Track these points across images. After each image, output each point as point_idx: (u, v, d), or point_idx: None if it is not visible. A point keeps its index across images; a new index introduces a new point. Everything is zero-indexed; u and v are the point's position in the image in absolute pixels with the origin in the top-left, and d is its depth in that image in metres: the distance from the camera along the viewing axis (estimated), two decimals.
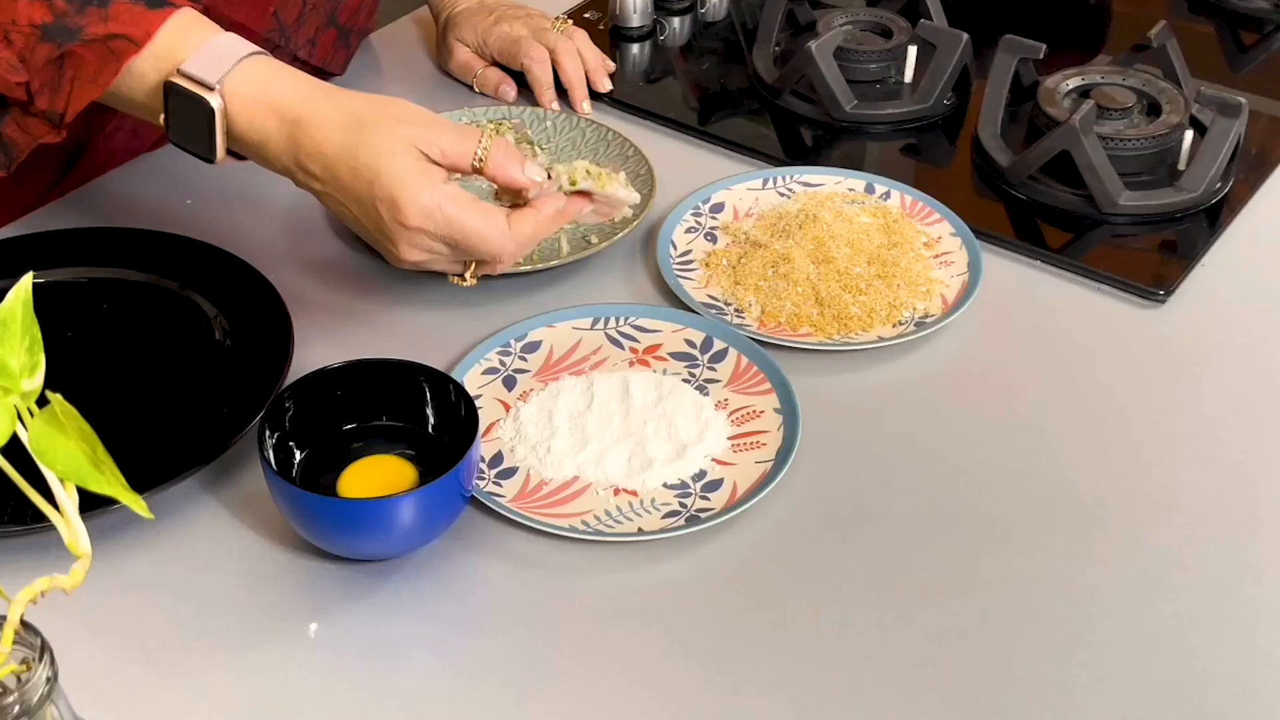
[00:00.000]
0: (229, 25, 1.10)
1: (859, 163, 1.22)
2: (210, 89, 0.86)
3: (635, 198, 0.88)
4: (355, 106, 0.87)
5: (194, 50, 0.87)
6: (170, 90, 0.87)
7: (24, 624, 0.54)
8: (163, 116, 0.88)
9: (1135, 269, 1.09)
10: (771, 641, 0.81)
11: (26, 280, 0.55)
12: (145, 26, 0.87)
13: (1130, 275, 1.08)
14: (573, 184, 0.86)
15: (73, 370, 0.97)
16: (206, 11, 1.08)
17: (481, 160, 0.84)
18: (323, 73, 1.27)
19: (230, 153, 0.90)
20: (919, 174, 1.22)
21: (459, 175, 0.89)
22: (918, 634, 0.82)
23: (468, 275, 0.91)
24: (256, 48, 0.89)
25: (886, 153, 1.25)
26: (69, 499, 0.56)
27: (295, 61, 1.21)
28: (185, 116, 0.88)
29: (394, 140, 0.84)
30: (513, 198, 0.91)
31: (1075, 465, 0.93)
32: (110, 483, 0.53)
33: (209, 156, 0.89)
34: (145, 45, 0.87)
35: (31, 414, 0.54)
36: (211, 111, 0.86)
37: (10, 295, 0.55)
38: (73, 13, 0.87)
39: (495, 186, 0.90)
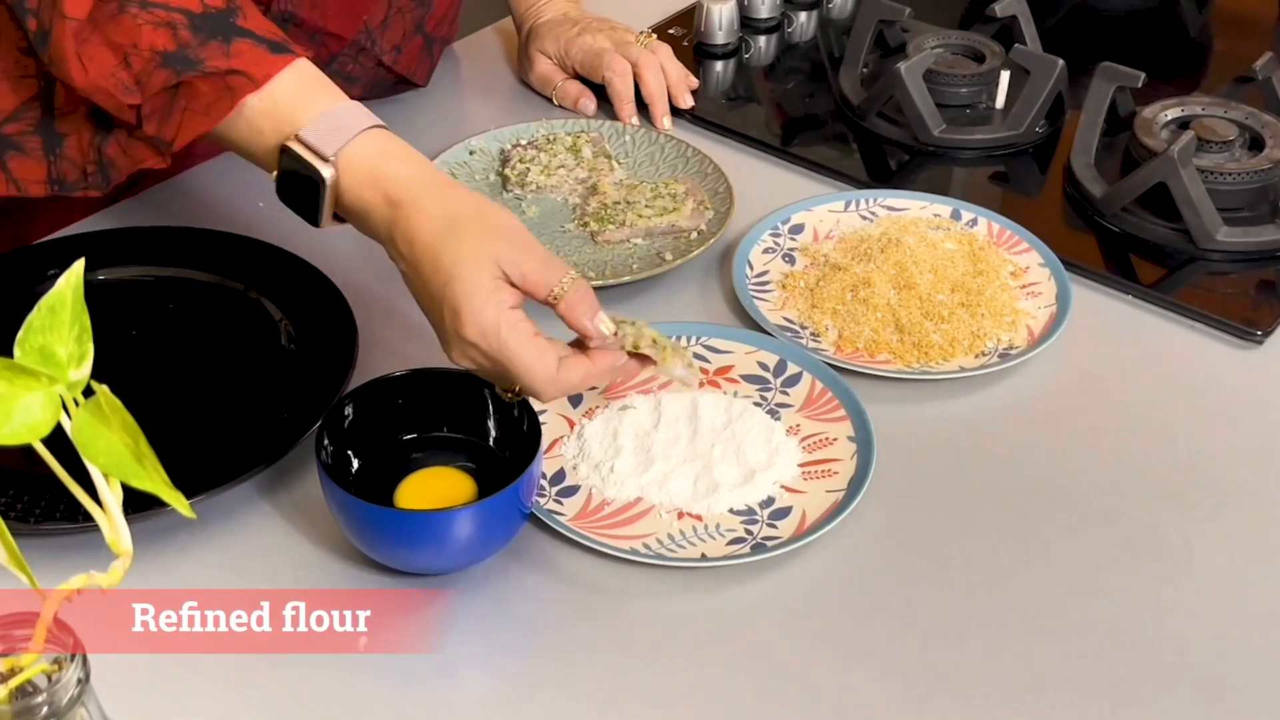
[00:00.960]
0: (321, 34, 1.09)
1: (945, 188, 1.18)
2: (325, 160, 0.86)
3: (695, 380, 0.88)
4: (458, 205, 0.85)
5: (313, 117, 0.86)
6: (285, 152, 0.87)
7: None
8: (274, 174, 0.88)
9: (1231, 308, 1.04)
10: (835, 677, 0.78)
11: (77, 267, 0.53)
12: (265, 68, 0.87)
13: (1226, 314, 1.03)
14: (635, 347, 0.84)
15: (136, 369, 0.96)
16: (301, 23, 1.07)
17: (557, 297, 0.83)
18: (406, 81, 1.26)
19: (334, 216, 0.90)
20: (1007, 202, 1.18)
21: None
22: (990, 677, 0.78)
23: (510, 393, 0.88)
24: (374, 120, 0.88)
25: (974, 179, 1.21)
26: (112, 495, 0.54)
27: (380, 67, 1.20)
28: (295, 180, 0.87)
29: (479, 251, 0.83)
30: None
31: (1160, 508, 0.89)
32: (152, 479, 0.51)
33: (313, 221, 0.88)
34: (263, 85, 0.86)
35: (78, 404, 0.52)
36: (322, 181, 0.86)
37: (60, 281, 0.53)
38: (196, 45, 0.87)
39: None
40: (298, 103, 0.87)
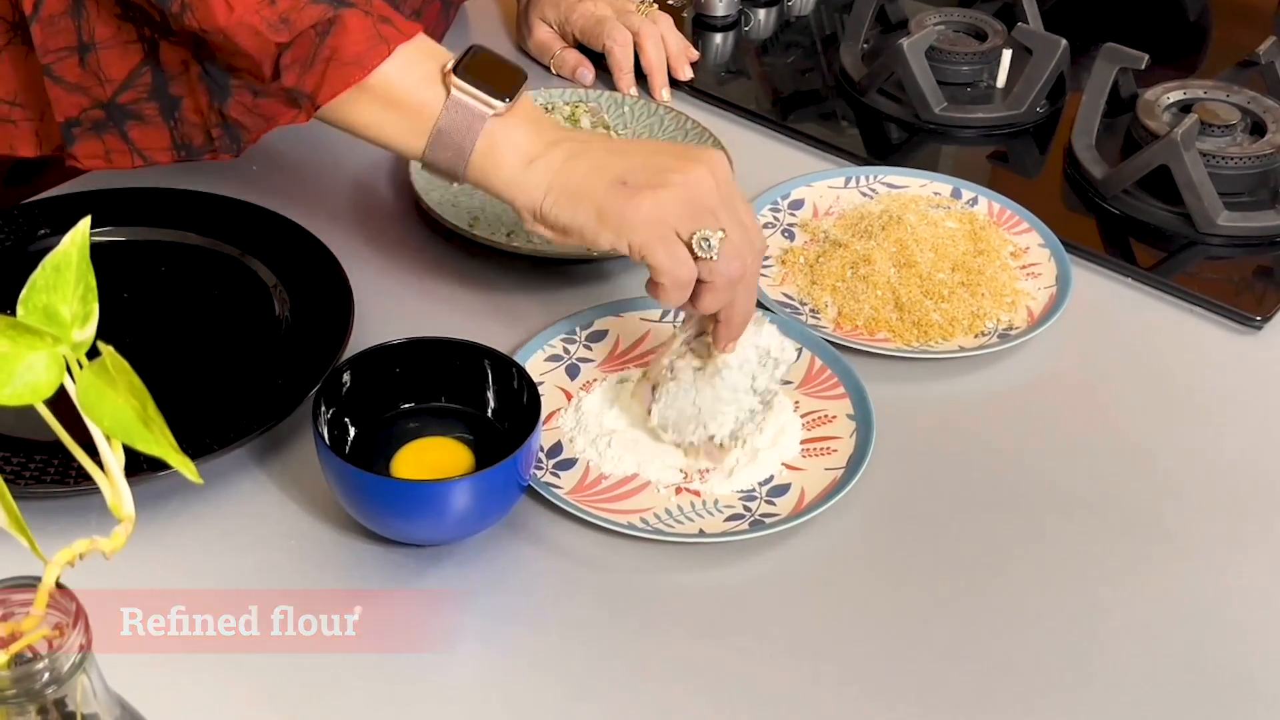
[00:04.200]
0: None
1: (945, 166, 1.17)
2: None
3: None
4: None
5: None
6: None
7: (59, 588, 0.51)
8: (449, 64, 0.85)
9: (1231, 292, 1.04)
10: (831, 654, 0.78)
11: (83, 225, 0.52)
12: (408, 27, 0.86)
13: (1225, 299, 1.03)
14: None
15: (128, 332, 0.94)
16: None
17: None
18: None
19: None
20: (1007, 182, 1.17)
21: None
22: (985, 661, 0.78)
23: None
24: None
25: (974, 158, 1.21)
26: (115, 458, 0.53)
27: None
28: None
29: None
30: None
31: (1156, 491, 0.89)
32: (159, 443, 0.50)
33: (499, 98, 0.85)
34: (412, 37, 0.85)
35: (81, 366, 0.51)
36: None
37: (66, 239, 0.52)
38: None
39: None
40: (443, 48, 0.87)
